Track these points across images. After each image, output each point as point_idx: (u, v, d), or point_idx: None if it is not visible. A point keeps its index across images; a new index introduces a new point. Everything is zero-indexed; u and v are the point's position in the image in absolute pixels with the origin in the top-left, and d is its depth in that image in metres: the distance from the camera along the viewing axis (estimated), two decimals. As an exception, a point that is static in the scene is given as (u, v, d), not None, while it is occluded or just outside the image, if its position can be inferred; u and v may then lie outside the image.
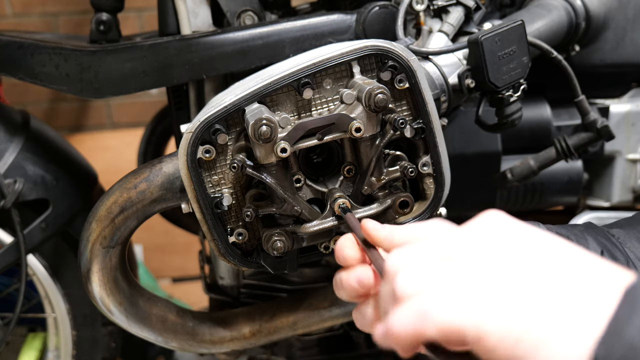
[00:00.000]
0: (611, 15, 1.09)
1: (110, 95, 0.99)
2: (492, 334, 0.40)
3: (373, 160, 0.74)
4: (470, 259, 0.43)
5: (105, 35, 1.04)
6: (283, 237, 0.75)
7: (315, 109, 0.75)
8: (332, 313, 1.07)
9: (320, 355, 1.30)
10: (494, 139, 1.11)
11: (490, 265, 0.42)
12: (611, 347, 0.36)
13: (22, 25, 2.49)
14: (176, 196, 0.83)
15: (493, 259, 0.43)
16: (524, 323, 0.40)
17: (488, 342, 0.40)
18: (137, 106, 2.60)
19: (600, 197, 1.24)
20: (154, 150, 1.59)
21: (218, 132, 0.72)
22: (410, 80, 0.73)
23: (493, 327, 0.40)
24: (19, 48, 1.02)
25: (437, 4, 0.94)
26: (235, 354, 1.22)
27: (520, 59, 0.86)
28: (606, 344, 0.36)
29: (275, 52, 0.96)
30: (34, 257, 1.16)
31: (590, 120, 0.98)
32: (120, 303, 0.92)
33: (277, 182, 0.72)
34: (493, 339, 0.40)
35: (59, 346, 1.28)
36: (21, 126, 1.16)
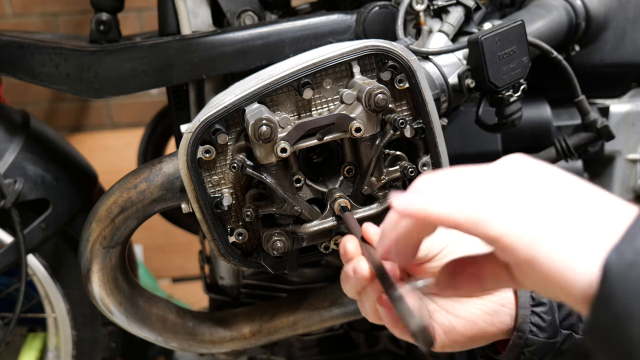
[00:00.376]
0: (611, 15, 1.09)
1: (110, 95, 0.99)
2: (513, 232, 0.43)
3: (373, 160, 0.74)
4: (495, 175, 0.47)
5: (105, 35, 1.04)
6: (283, 237, 0.75)
7: (315, 109, 0.75)
8: (332, 313, 1.07)
9: (320, 355, 1.30)
10: (494, 139, 1.11)
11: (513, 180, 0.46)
12: (622, 252, 0.39)
13: (22, 25, 2.49)
14: (176, 196, 0.83)
15: (516, 176, 0.46)
16: (543, 226, 0.43)
17: (506, 240, 0.43)
18: (137, 106, 2.60)
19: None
20: (154, 150, 1.59)
21: (218, 132, 0.72)
22: (410, 80, 0.73)
23: (515, 225, 0.43)
24: (19, 48, 1.02)
25: (437, 4, 0.94)
26: (235, 354, 1.22)
27: (520, 59, 0.86)
28: (618, 250, 0.40)
29: (275, 52, 0.96)
30: (34, 257, 1.16)
31: (590, 120, 0.98)
32: (120, 303, 0.92)
33: (277, 182, 0.72)
34: (511, 238, 0.43)
35: (59, 346, 1.28)
36: (21, 126, 1.16)
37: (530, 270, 0.43)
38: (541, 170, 0.47)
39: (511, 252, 0.44)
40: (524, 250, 0.43)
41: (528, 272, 0.44)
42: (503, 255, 0.45)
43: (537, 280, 0.44)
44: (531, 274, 0.44)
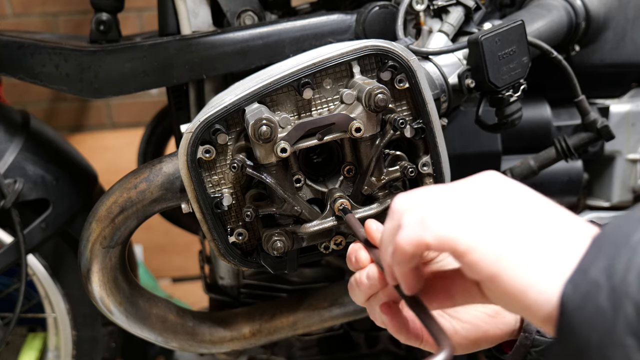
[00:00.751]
0: (611, 15, 1.09)
1: (110, 95, 0.99)
2: (478, 248, 0.45)
3: (373, 160, 0.74)
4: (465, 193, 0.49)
5: (105, 35, 1.04)
6: (283, 237, 0.75)
7: (315, 109, 0.75)
8: (332, 313, 1.07)
9: (320, 355, 1.30)
10: (494, 139, 1.10)
11: (483, 198, 0.48)
12: (577, 284, 0.41)
13: (22, 25, 2.49)
14: (176, 196, 0.83)
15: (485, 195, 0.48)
16: (507, 245, 0.45)
17: (474, 255, 0.45)
18: (137, 106, 2.60)
19: (600, 197, 1.24)
20: (154, 150, 1.59)
21: (218, 132, 0.72)
22: (410, 80, 0.73)
23: (481, 242, 0.45)
24: (19, 48, 1.02)
25: (437, 4, 0.94)
26: (235, 354, 1.22)
27: (520, 59, 0.86)
28: (573, 281, 0.41)
29: (275, 52, 0.96)
30: (34, 257, 1.16)
31: (590, 120, 0.98)
32: (120, 303, 0.92)
33: (277, 182, 0.72)
34: (479, 253, 0.45)
35: (59, 346, 1.28)
36: (21, 126, 1.16)
37: (494, 287, 0.45)
38: (510, 190, 0.49)
39: (476, 268, 0.45)
40: (488, 267, 0.45)
41: (492, 289, 0.46)
42: (469, 272, 0.47)
43: (501, 297, 0.46)
44: (495, 291, 0.45)
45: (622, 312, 0.38)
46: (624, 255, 0.40)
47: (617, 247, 0.40)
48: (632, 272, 0.39)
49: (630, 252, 0.39)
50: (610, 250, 0.41)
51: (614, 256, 0.40)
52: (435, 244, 0.46)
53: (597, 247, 0.42)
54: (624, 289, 0.38)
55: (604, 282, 0.39)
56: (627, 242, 0.40)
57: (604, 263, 0.40)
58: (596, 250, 0.42)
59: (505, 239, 0.45)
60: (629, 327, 0.37)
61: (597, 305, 0.39)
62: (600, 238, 0.42)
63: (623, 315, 0.38)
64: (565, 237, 0.45)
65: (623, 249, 0.40)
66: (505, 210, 0.47)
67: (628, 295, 0.38)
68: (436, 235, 0.46)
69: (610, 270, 0.40)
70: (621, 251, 0.40)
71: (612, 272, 0.39)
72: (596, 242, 0.42)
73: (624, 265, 0.39)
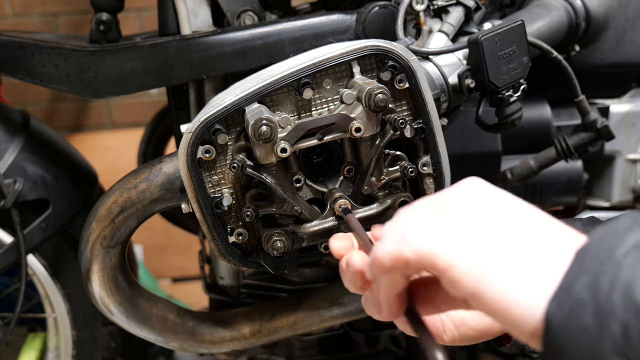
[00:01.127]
0: (611, 15, 1.09)
1: (110, 95, 0.99)
2: (459, 265, 0.44)
3: (373, 160, 0.74)
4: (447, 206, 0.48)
5: (105, 35, 1.04)
6: (283, 237, 0.75)
7: (315, 109, 0.75)
8: (332, 313, 1.07)
9: (320, 355, 1.30)
10: (494, 139, 1.10)
11: (464, 211, 0.47)
12: (561, 302, 0.40)
13: (22, 25, 2.49)
14: (176, 196, 0.83)
15: (467, 208, 0.47)
16: (489, 261, 0.44)
17: (455, 272, 0.44)
18: (137, 106, 2.60)
19: (600, 197, 1.24)
20: (154, 150, 1.59)
21: (218, 132, 0.72)
22: (410, 80, 0.73)
23: (461, 259, 0.44)
24: (19, 48, 1.02)
25: (437, 4, 0.94)
26: (235, 354, 1.22)
27: (520, 59, 0.86)
28: (557, 299, 0.40)
29: (275, 52, 0.96)
30: (34, 257, 1.16)
31: (590, 120, 0.98)
32: (120, 303, 0.92)
33: (277, 182, 0.72)
34: (459, 270, 0.44)
35: (59, 346, 1.28)
36: (21, 126, 1.16)
37: (477, 303, 0.44)
38: (492, 201, 0.48)
39: (457, 285, 0.44)
40: (469, 285, 0.44)
41: (475, 305, 0.45)
42: (450, 289, 0.46)
43: (485, 313, 0.45)
44: (478, 307, 0.45)
45: (608, 331, 0.37)
46: (608, 271, 0.39)
47: (601, 263, 0.40)
48: (616, 289, 0.38)
49: (615, 268, 0.39)
50: (594, 266, 0.40)
51: (598, 272, 0.39)
52: (414, 259, 0.46)
53: (581, 262, 0.41)
54: (609, 307, 0.38)
55: (589, 300, 0.39)
56: (610, 257, 0.40)
57: (587, 280, 0.39)
58: (579, 265, 0.41)
59: (486, 255, 0.44)
60: (615, 347, 0.37)
61: (582, 323, 0.39)
62: (583, 252, 0.42)
63: (609, 335, 0.37)
64: (548, 251, 0.44)
65: (607, 264, 0.39)
66: (487, 224, 0.46)
67: (613, 314, 0.37)
68: (415, 250, 0.46)
69: (594, 288, 0.39)
70: (605, 267, 0.39)
71: (596, 289, 0.39)
72: (579, 257, 0.41)
73: (609, 283, 0.38)
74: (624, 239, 0.40)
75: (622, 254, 0.39)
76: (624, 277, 0.38)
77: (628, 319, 0.37)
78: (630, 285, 0.37)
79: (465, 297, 0.45)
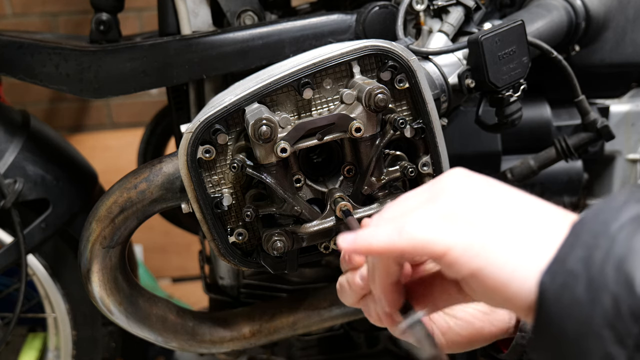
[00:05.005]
0: (611, 15, 1.09)
1: (110, 95, 0.99)
2: (455, 248, 0.45)
3: (373, 160, 0.74)
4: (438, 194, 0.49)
5: (105, 35, 1.04)
6: (283, 237, 0.75)
7: (315, 109, 0.75)
8: (332, 313, 1.07)
9: (320, 355, 1.30)
10: (494, 139, 1.11)
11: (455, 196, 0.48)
12: (554, 274, 0.41)
13: (22, 25, 2.49)
14: (176, 196, 0.83)
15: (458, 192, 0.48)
16: (484, 240, 0.44)
17: (452, 255, 0.45)
18: (137, 106, 2.60)
19: (600, 197, 1.24)
20: (154, 150, 1.59)
21: (218, 132, 0.72)
22: (410, 80, 0.73)
23: (457, 241, 0.45)
24: (19, 48, 1.02)
25: (437, 4, 0.94)
26: (235, 354, 1.22)
27: (520, 59, 0.86)
28: (551, 271, 0.41)
29: (275, 52, 0.96)
30: (34, 257, 1.16)
31: (590, 120, 0.98)
32: (120, 303, 0.92)
33: (277, 182, 0.72)
34: (456, 252, 0.45)
35: (59, 346, 1.28)
36: (21, 126, 1.16)
37: (476, 282, 0.45)
38: (480, 185, 0.49)
39: (456, 266, 0.45)
40: (468, 263, 0.44)
41: (474, 285, 0.45)
42: (449, 271, 0.46)
43: (483, 292, 0.45)
44: (477, 287, 0.45)
45: (600, 303, 0.38)
46: (602, 245, 0.39)
47: (596, 237, 0.40)
48: (610, 263, 0.38)
49: (609, 242, 0.39)
50: (589, 240, 0.40)
51: (592, 246, 0.40)
52: (410, 248, 0.46)
53: (576, 235, 0.41)
54: (601, 280, 0.38)
55: (582, 273, 0.39)
56: (605, 231, 0.40)
57: (582, 253, 0.40)
58: (574, 238, 0.41)
59: (482, 233, 0.45)
60: (605, 319, 0.37)
61: (574, 296, 0.39)
62: (578, 226, 0.42)
63: (600, 307, 0.38)
64: (543, 225, 0.44)
65: (601, 238, 0.40)
66: (479, 204, 0.47)
67: (606, 286, 0.38)
68: (409, 239, 0.46)
69: (588, 261, 0.39)
70: (599, 241, 0.39)
71: (590, 262, 0.39)
72: (574, 230, 0.42)
73: (602, 256, 0.39)
74: (619, 213, 0.40)
75: (617, 228, 0.39)
76: (617, 251, 0.38)
77: (619, 292, 0.37)
78: (623, 260, 0.38)
79: (465, 277, 0.45)
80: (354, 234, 0.49)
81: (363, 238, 0.48)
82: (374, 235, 0.48)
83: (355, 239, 0.48)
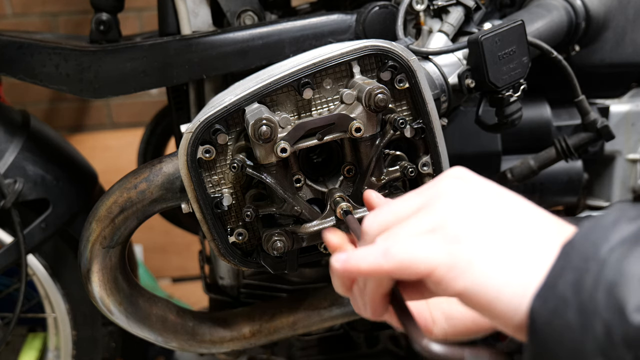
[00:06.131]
0: (611, 15, 1.09)
1: (110, 95, 0.99)
2: (440, 267, 0.44)
3: (373, 160, 0.74)
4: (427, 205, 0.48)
5: (105, 35, 1.04)
6: (283, 237, 0.75)
7: (315, 109, 0.75)
8: (332, 313, 1.07)
9: (320, 355, 1.30)
10: (494, 139, 1.11)
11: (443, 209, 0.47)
12: (545, 299, 0.40)
13: (22, 25, 2.49)
14: (176, 196, 0.83)
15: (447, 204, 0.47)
16: (470, 257, 0.43)
17: (437, 274, 0.44)
18: (137, 106, 2.60)
19: (600, 197, 1.24)
20: (154, 150, 1.59)
21: (218, 132, 0.72)
22: (410, 80, 0.73)
23: (441, 260, 0.44)
24: (19, 48, 1.02)
25: (437, 4, 0.94)
26: (235, 354, 1.22)
27: (520, 59, 0.86)
28: (541, 296, 0.40)
29: (275, 52, 0.96)
30: (34, 257, 1.16)
31: (590, 120, 0.98)
32: (120, 303, 0.92)
33: (277, 182, 0.72)
34: (441, 271, 0.44)
35: (59, 346, 1.28)
36: (21, 126, 1.16)
37: (465, 301, 0.44)
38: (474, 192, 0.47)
39: (442, 285, 0.44)
40: (454, 282, 0.43)
41: (464, 303, 0.44)
42: (436, 290, 0.45)
43: (474, 309, 0.44)
44: (468, 305, 0.44)
45: (591, 330, 0.37)
46: (592, 268, 0.38)
47: (586, 260, 0.39)
48: (600, 288, 0.37)
49: (599, 265, 0.38)
50: (579, 263, 0.39)
51: (582, 269, 0.39)
52: (395, 269, 0.45)
53: (566, 257, 0.40)
54: (592, 306, 0.37)
55: (572, 298, 0.38)
56: (595, 253, 0.39)
57: (572, 277, 0.39)
58: (564, 261, 0.40)
59: (468, 249, 0.44)
60: (598, 346, 0.37)
61: (565, 322, 0.38)
62: (568, 247, 0.41)
63: (592, 334, 0.37)
64: (533, 244, 0.43)
65: (591, 261, 0.39)
66: (467, 218, 0.45)
67: (596, 313, 0.37)
68: (394, 261, 0.45)
69: (578, 285, 0.38)
70: (589, 264, 0.39)
71: (580, 287, 0.38)
72: (565, 251, 0.41)
73: (592, 281, 0.38)
74: (610, 233, 0.40)
75: (607, 250, 0.39)
76: (607, 276, 0.38)
77: (611, 319, 0.36)
78: (614, 284, 0.37)
79: (452, 296, 0.44)
80: (345, 255, 0.48)
81: (353, 260, 0.47)
82: (363, 258, 0.47)
83: (346, 261, 0.48)
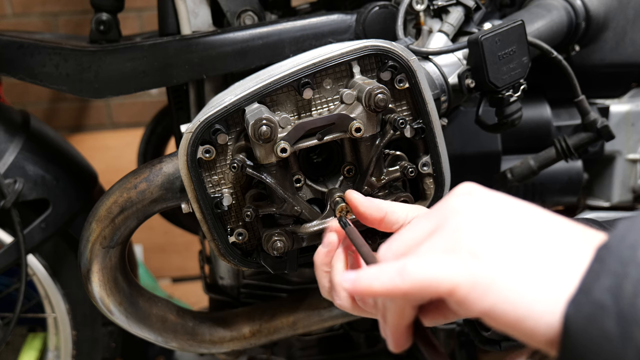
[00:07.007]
0: (611, 15, 1.09)
1: (110, 95, 0.99)
2: (461, 285, 0.41)
3: (373, 160, 0.74)
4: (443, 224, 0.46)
5: (105, 35, 1.04)
6: (283, 237, 0.75)
7: (315, 109, 0.75)
8: (332, 313, 1.07)
9: (320, 355, 1.30)
10: (494, 139, 1.11)
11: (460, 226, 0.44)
12: (580, 305, 0.37)
13: (22, 25, 2.49)
14: (176, 196, 0.83)
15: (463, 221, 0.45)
16: (493, 274, 0.41)
17: (460, 293, 0.41)
18: (137, 106, 2.60)
19: (600, 197, 1.24)
20: (154, 150, 1.59)
21: (218, 132, 0.72)
22: (410, 80, 0.73)
23: (462, 278, 0.41)
24: (19, 48, 1.02)
25: (437, 4, 0.94)
26: (235, 354, 1.22)
27: (520, 59, 0.86)
28: (576, 303, 0.37)
29: (275, 52, 0.96)
30: (34, 257, 1.16)
31: (590, 120, 0.98)
32: (120, 303, 0.92)
33: (277, 182, 0.72)
34: (464, 289, 0.41)
35: (59, 346, 1.28)
36: (21, 126, 1.16)
37: (490, 320, 0.41)
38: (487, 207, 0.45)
39: (466, 304, 0.42)
40: (478, 301, 0.41)
41: (490, 322, 0.42)
42: (460, 311, 0.43)
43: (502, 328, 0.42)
44: (494, 324, 0.42)
45: (633, 340, 0.34)
46: (632, 273, 0.36)
47: (624, 264, 0.36)
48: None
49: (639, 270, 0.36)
50: (616, 267, 0.36)
51: (621, 274, 0.36)
52: (414, 290, 0.43)
53: (601, 262, 0.38)
54: (633, 314, 0.35)
55: (611, 305, 0.36)
56: (634, 257, 0.36)
57: (609, 282, 0.36)
58: (600, 265, 0.37)
59: (489, 266, 0.41)
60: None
61: (603, 330, 0.36)
62: (604, 251, 0.38)
63: (634, 346, 0.34)
64: (561, 251, 0.41)
65: (630, 266, 0.36)
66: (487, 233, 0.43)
67: (638, 322, 0.34)
68: (412, 281, 0.43)
69: (616, 291, 0.36)
70: (629, 269, 0.36)
71: (619, 293, 0.36)
72: (599, 257, 0.38)
73: (633, 287, 0.35)
74: None
75: None
76: None
77: None
78: None
79: (477, 316, 0.42)
80: (355, 274, 0.46)
81: (365, 279, 0.45)
82: (376, 277, 0.45)
83: (357, 280, 0.45)
